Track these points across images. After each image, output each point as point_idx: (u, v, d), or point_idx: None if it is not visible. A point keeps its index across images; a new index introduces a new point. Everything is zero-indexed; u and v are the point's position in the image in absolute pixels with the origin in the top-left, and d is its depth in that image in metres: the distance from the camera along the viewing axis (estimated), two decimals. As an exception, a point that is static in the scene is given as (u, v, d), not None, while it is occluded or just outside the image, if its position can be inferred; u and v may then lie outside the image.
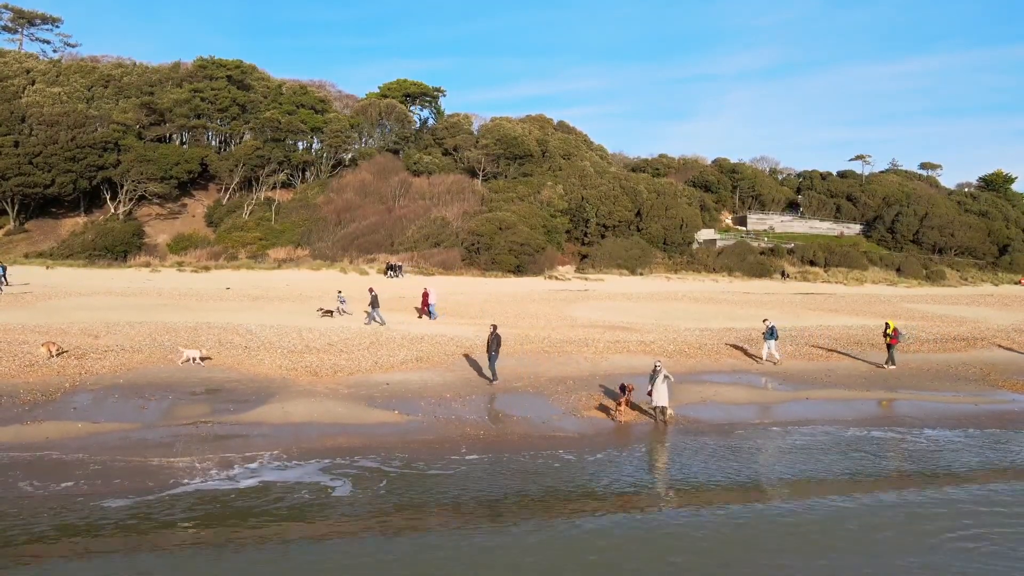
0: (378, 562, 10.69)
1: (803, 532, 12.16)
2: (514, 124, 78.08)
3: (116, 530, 11.31)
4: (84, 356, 21.72)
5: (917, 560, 11.24)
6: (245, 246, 59.82)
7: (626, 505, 13.17)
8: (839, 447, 17.19)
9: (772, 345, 25.62)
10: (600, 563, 10.86)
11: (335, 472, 14.21)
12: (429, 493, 13.35)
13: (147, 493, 12.72)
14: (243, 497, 12.79)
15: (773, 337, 25.50)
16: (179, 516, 11.89)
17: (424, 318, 32.23)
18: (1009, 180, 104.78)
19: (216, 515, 12.01)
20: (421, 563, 10.68)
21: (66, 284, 40.42)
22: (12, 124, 58.17)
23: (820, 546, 11.63)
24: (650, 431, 17.98)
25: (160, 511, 12.05)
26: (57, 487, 12.77)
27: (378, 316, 29.84)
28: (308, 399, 18.65)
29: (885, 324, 26.91)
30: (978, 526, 12.60)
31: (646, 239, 68.69)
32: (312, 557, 10.77)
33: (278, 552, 10.89)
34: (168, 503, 12.38)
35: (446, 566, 10.60)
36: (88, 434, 15.60)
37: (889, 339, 25.88)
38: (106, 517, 11.70)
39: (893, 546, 11.73)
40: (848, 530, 12.33)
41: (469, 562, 10.74)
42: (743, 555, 11.24)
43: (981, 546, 11.79)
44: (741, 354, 27.12)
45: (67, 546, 10.74)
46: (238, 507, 12.38)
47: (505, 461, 15.29)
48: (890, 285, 67.27)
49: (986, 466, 16.08)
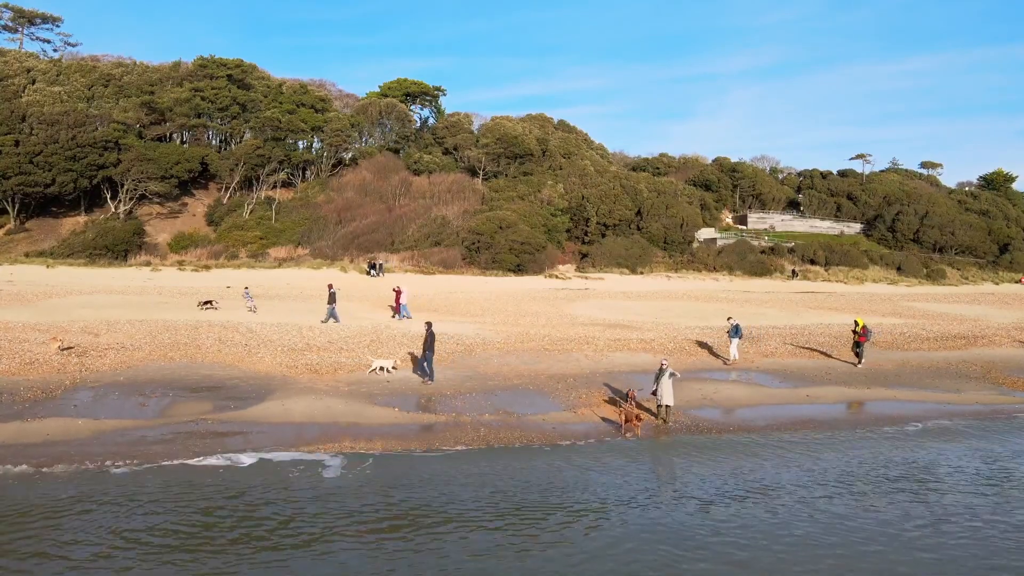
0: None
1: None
2: (514, 123, 78.08)
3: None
4: (85, 354, 21.73)
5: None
6: (245, 245, 59.81)
7: (613, 497, 13.18)
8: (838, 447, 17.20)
9: (735, 344, 25.37)
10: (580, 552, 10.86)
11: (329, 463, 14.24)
12: (416, 489, 13.37)
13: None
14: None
15: (738, 335, 25.23)
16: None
17: (396, 317, 31.57)
18: (1010, 179, 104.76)
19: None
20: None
21: (67, 283, 40.45)
22: (12, 123, 58.16)
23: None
24: (652, 429, 17.96)
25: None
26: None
27: (334, 314, 29.32)
28: (308, 396, 18.66)
29: (854, 321, 26.64)
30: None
31: (646, 238, 68.67)
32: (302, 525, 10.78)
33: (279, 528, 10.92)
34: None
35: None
36: (89, 431, 15.61)
37: (858, 336, 25.63)
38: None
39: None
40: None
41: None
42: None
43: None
44: (741, 354, 27.09)
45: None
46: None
47: (502, 457, 15.29)
48: (890, 284, 67.27)
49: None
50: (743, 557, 11.01)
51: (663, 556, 10.96)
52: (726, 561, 10.88)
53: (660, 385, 18.04)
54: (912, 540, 11.85)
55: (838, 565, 10.89)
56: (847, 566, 10.88)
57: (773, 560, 10.97)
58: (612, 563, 10.72)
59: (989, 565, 11.06)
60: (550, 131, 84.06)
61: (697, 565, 10.73)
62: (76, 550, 10.51)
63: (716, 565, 10.76)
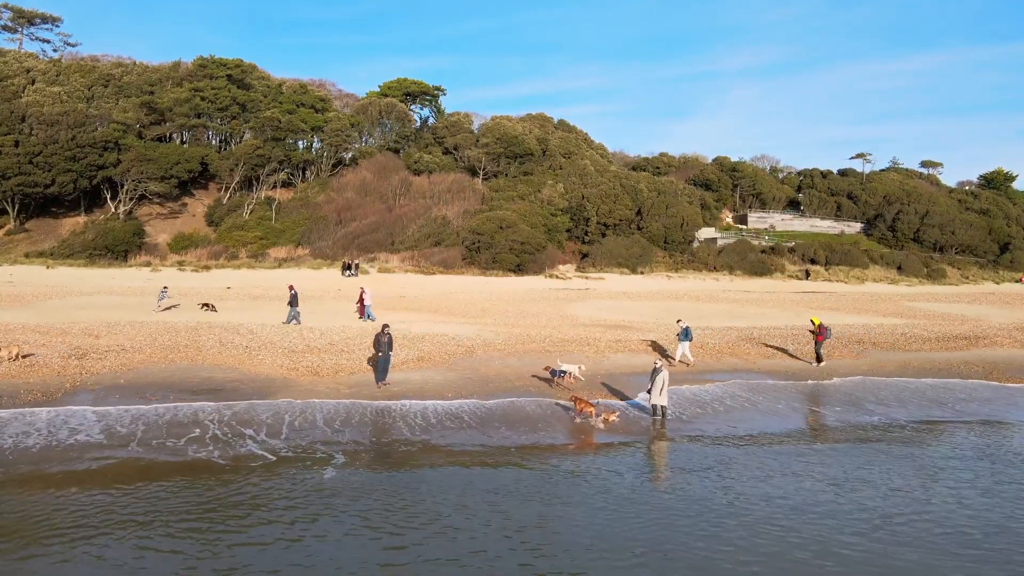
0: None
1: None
2: (514, 123, 78.09)
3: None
4: (85, 356, 21.69)
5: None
6: (246, 245, 59.82)
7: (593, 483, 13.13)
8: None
9: (686, 347, 24.85)
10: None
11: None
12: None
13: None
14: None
15: (687, 338, 24.77)
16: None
17: (362, 319, 30.90)
18: (1010, 178, 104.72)
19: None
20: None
21: (66, 283, 40.42)
22: (12, 124, 58.16)
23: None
24: (647, 429, 17.91)
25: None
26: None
27: (295, 316, 28.99)
28: (310, 399, 18.60)
29: (811, 320, 26.36)
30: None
31: (647, 238, 68.65)
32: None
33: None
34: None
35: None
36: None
37: (816, 336, 25.47)
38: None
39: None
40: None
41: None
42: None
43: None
44: (742, 352, 27.09)
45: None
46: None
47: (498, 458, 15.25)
48: (891, 284, 67.25)
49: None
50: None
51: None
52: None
53: (653, 385, 18.05)
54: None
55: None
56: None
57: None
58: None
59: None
60: (550, 131, 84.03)
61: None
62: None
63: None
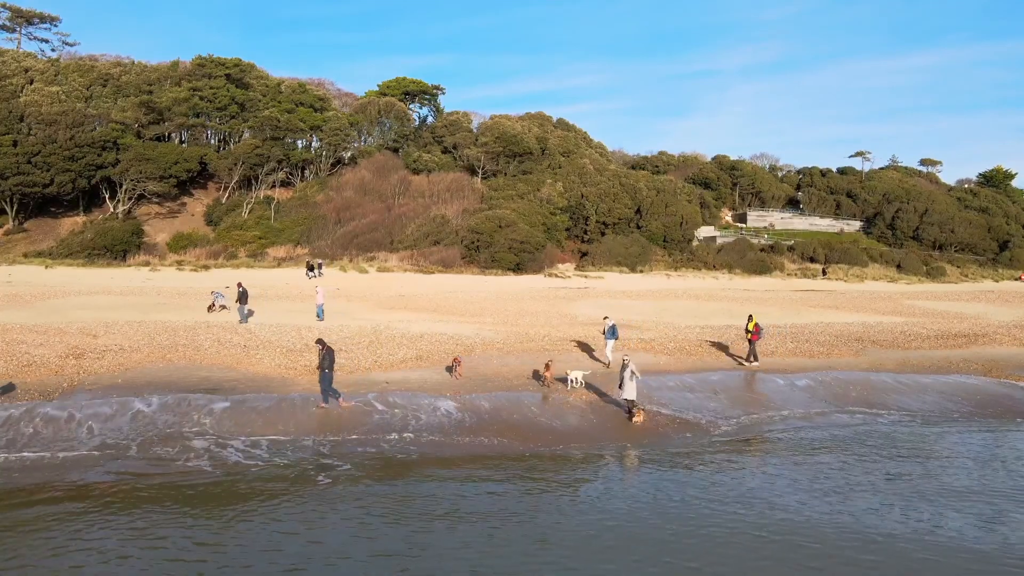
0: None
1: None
2: (513, 122, 77.98)
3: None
4: (83, 356, 21.65)
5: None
6: (245, 245, 59.73)
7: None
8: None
9: (610, 345, 24.23)
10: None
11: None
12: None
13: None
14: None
15: (613, 336, 24.14)
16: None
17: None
18: (1009, 176, 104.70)
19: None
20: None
21: (65, 283, 40.36)
22: (11, 123, 58.03)
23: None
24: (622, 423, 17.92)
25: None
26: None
27: (243, 313, 28.76)
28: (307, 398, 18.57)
29: (748, 318, 25.82)
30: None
31: (646, 236, 68.60)
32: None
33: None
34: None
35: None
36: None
37: (751, 335, 25.19)
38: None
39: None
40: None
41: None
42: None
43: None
44: (742, 352, 27.03)
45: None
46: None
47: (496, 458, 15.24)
48: (890, 282, 67.22)
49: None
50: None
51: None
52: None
53: (623, 381, 18.12)
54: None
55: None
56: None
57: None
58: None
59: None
60: (549, 129, 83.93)
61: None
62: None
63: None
